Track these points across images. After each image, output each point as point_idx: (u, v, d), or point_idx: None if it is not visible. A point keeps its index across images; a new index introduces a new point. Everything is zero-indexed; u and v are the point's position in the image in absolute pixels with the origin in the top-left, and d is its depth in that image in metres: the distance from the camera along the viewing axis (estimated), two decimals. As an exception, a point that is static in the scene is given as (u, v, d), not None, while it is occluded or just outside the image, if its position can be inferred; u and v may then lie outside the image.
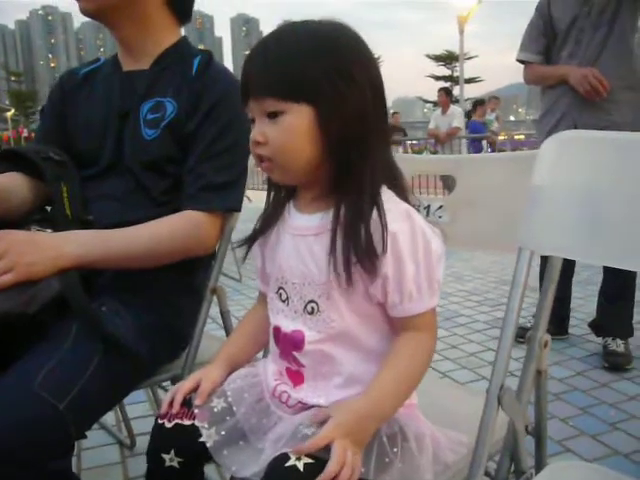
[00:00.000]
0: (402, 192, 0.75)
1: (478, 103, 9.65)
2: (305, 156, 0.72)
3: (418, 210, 0.75)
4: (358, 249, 0.69)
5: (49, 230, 1.02)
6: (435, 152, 8.24)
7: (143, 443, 1.80)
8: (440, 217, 0.99)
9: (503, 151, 8.29)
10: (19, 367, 0.85)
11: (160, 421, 0.80)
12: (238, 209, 1.13)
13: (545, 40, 2.40)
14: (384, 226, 0.69)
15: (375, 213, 0.70)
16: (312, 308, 0.75)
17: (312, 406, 0.76)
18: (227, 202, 1.11)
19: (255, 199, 2.10)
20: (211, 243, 1.12)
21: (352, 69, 0.71)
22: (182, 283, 1.14)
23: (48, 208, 1.14)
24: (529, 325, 2.79)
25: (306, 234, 0.77)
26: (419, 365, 0.74)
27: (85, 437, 0.88)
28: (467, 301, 3.42)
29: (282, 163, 0.73)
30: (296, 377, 0.79)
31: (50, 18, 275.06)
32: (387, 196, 0.73)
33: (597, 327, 2.50)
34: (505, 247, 0.86)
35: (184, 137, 1.10)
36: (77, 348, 0.90)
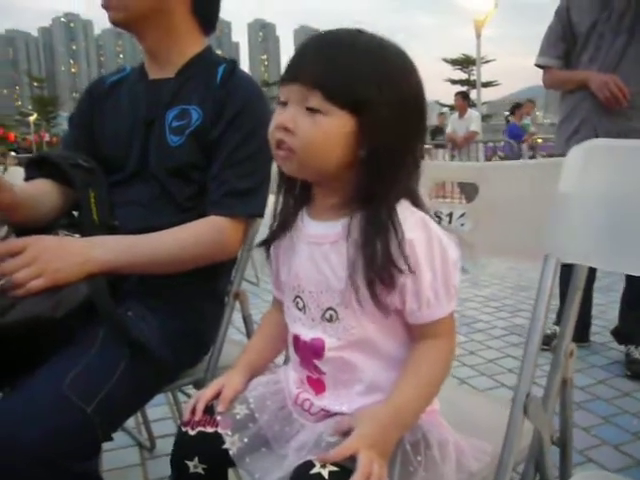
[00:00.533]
0: (417, 200, 0.75)
1: (516, 107, 9.83)
2: (332, 160, 0.71)
3: (439, 218, 0.75)
4: (377, 266, 0.69)
5: (77, 235, 1.04)
6: (452, 156, 8.20)
7: (163, 445, 1.82)
8: (462, 225, 0.99)
9: (543, 155, 8.36)
10: (47, 371, 0.87)
11: (183, 429, 0.80)
12: (261, 214, 1.14)
13: (564, 45, 2.39)
14: (401, 239, 0.69)
15: (391, 225, 0.70)
16: (330, 315, 0.76)
17: (335, 414, 0.77)
18: (250, 207, 1.12)
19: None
20: (234, 248, 1.14)
21: (402, 88, 0.71)
22: (205, 288, 1.15)
23: (75, 213, 1.16)
24: (548, 332, 2.76)
25: (322, 242, 0.76)
26: (439, 371, 0.74)
27: (111, 439, 0.89)
28: (485, 307, 3.39)
29: (304, 159, 0.71)
30: (317, 385, 0.79)
31: (72, 25, 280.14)
32: (403, 205, 0.73)
33: (619, 334, 2.47)
34: (528, 255, 0.85)
35: (208, 144, 1.12)
36: (104, 353, 0.91)
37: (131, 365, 0.92)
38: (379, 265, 0.69)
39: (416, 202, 0.75)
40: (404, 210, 0.72)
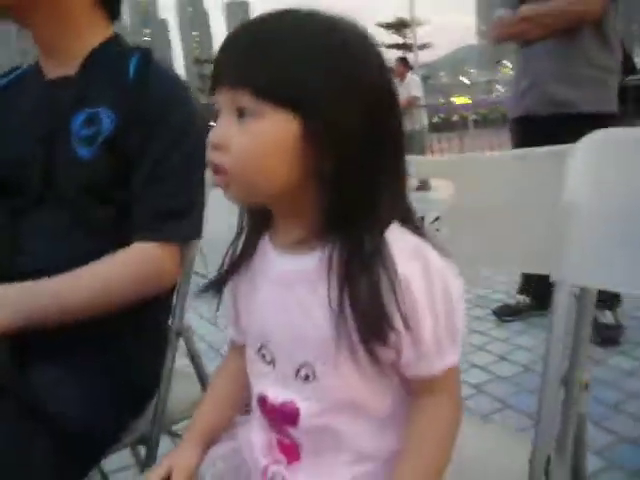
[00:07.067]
0: (409, 219, 0.59)
1: None
2: (276, 178, 0.55)
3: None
4: (368, 316, 0.54)
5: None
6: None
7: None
8: (437, 230, 0.85)
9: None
10: None
11: None
12: (198, 236, 0.96)
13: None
14: (393, 278, 0.54)
15: (380, 260, 0.54)
16: (306, 374, 0.60)
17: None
18: (184, 230, 0.94)
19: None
20: (171, 278, 0.96)
21: (359, 76, 0.54)
22: (137, 327, 0.95)
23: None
24: (512, 302, 2.71)
25: (293, 282, 0.60)
26: (445, 440, 0.59)
27: None
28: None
29: (242, 180, 0.55)
30: (291, 452, 0.63)
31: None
32: (393, 230, 0.57)
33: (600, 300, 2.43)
34: (517, 266, 0.72)
35: (127, 155, 0.92)
36: (15, 434, 0.73)
37: (52, 443, 0.74)
38: (370, 316, 0.54)
39: (408, 221, 0.59)
40: (394, 237, 0.56)
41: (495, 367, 2.16)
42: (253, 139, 0.53)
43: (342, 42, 0.55)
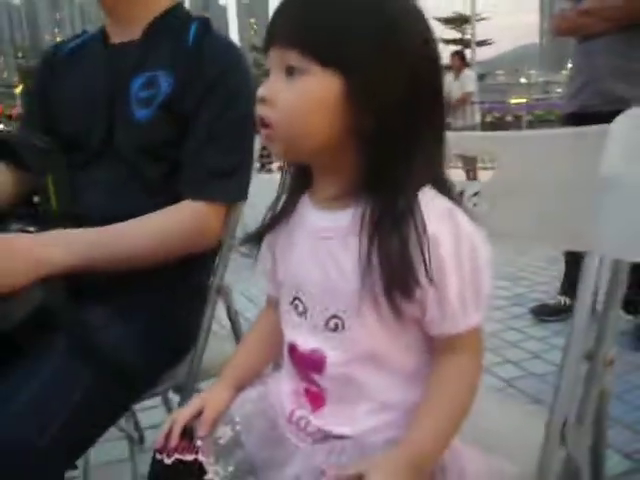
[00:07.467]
0: (444, 186, 0.61)
1: None
2: (318, 135, 0.58)
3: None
4: (395, 270, 0.56)
5: (32, 229, 0.90)
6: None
7: (153, 437, 1.72)
8: (475, 205, 0.86)
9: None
10: None
11: (158, 456, 0.68)
12: (244, 198, 1.00)
13: None
14: (422, 235, 0.56)
15: (412, 219, 0.56)
16: (335, 324, 0.63)
17: (334, 436, 0.65)
18: (232, 191, 0.98)
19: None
20: (214, 237, 1.00)
21: (404, 42, 0.57)
22: (181, 282, 1.01)
23: (35, 198, 1.03)
24: (552, 302, 2.66)
25: (328, 236, 0.63)
26: (465, 397, 0.61)
27: (75, 468, 0.77)
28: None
29: (286, 134, 0.59)
30: (316, 399, 0.67)
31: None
32: (426, 194, 0.59)
33: (627, 304, 2.37)
34: (562, 241, 0.73)
35: (182, 116, 0.97)
36: (62, 368, 0.78)
37: (95, 381, 0.80)
38: (397, 270, 0.56)
39: (443, 189, 0.61)
40: (427, 199, 0.58)
41: (528, 364, 2.14)
42: (299, 95, 0.57)
43: (389, 10, 0.57)
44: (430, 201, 0.58)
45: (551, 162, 0.73)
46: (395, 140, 0.57)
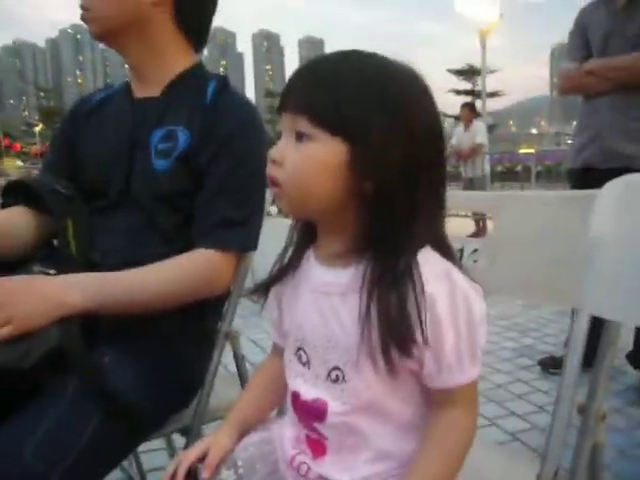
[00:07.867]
0: (443, 247, 0.65)
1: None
2: (322, 195, 0.62)
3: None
4: (393, 329, 0.60)
5: (52, 271, 0.95)
6: (457, 167, 8.06)
7: (154, 478, 1.72)
8: (475, 261, 0.90)
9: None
10: (8, 431, 0.78)
11: None
12: (254, 247, 1.05)
13: (585, 52, 2.26)
14: (419, 294, 0.60)
15: (409, 279, 0.60)
16: (337, 376, 0.66)
17: (334, 482, 0.67)
18: (243, 240, 1.03)
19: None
20: (225, 284, 1.04)
21: (408, 115, 0.61)
22: (191, 327, 1.05)
23: (55, 241, 1.08)
24: (560, 354, 2.65)
25: (330, 291, 0.67)
26: (459, 452, 0.64)
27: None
28: (493, 326, 3.29)
29: (292, 193, 0.63)
30: (317, 447, 0.70)
31: (79, 37, 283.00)
32: (426, 254, 0.63)
33: (634, 358, 2.36)
34: (553, 300, 0.76)
35: (197, 169, 1.03)
36: (74, 407, 0.82)
37: (104, 421, 0.83)
38: (394, 327, 0.60)
39: (442, 249, 0.65)
40: (425, 259, 0.62)
41: (534, 417, 2.12)
42: (305, 158, 0.62)
43: (394, 83, 0.62)
44: (429, 261, 0.62)
45: (544, 222, 0.77)
46: (396, 203, 0.61)
